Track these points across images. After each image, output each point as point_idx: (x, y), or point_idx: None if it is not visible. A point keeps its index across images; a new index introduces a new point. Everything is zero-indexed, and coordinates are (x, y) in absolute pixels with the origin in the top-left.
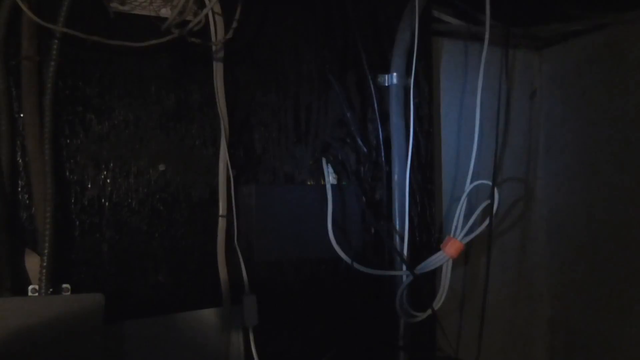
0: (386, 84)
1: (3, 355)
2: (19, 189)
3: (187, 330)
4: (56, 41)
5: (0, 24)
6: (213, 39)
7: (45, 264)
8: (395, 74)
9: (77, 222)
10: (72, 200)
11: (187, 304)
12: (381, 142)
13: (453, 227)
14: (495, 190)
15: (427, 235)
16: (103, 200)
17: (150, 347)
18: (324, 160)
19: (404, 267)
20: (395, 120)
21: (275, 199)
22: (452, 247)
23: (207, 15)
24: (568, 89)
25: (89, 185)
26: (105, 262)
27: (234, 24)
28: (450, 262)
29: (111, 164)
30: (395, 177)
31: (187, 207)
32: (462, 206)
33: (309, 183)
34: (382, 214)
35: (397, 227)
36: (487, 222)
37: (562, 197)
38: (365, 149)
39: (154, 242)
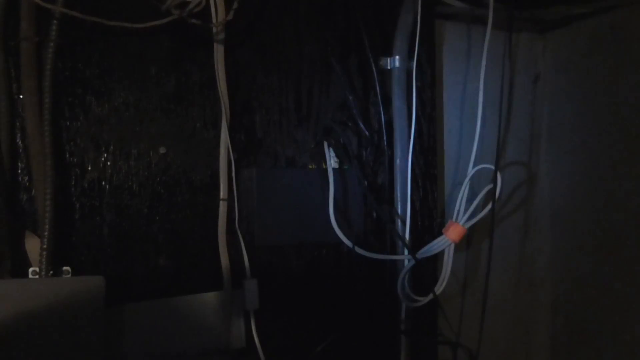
0: (388, 67)
1: (3, 337)
2: (19, 171)
3: (188, 313)
4: (55, 22)
5: None
6: (213, 20)
7: (45, 246)
8: (397, 57)
9: (78, 205)
10: (72, 183)
11: (188, 287)
12: (383, 126)
13: (455, 212)
14: (498, 174)
15: (429, 219)
16: (103, 183)
17: (151, 330)
18: (325, 144)
19: (406, 252)
20: (398, 103)
21: (276, 182)
22: (454, 231)
23: None
24: (572, 73)
25: (89, 168)
26: (106, 245)
27: (235, 5)
28: (452, 247)
29: (111, 147)
30: (398, 161)
31: (188, 190)
32: (464, 190)
33: (310, 167)
34: (384, 198)
35: (399, 211)
36: (489, 206)
37: (565, 182)
38: (367, 133)
39: (154, 225)
